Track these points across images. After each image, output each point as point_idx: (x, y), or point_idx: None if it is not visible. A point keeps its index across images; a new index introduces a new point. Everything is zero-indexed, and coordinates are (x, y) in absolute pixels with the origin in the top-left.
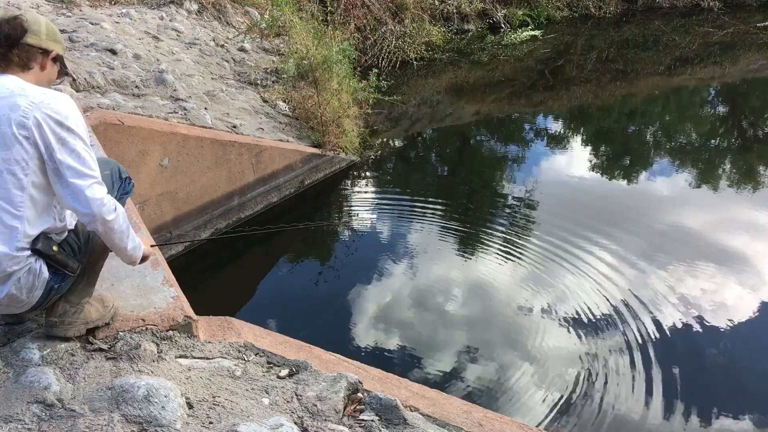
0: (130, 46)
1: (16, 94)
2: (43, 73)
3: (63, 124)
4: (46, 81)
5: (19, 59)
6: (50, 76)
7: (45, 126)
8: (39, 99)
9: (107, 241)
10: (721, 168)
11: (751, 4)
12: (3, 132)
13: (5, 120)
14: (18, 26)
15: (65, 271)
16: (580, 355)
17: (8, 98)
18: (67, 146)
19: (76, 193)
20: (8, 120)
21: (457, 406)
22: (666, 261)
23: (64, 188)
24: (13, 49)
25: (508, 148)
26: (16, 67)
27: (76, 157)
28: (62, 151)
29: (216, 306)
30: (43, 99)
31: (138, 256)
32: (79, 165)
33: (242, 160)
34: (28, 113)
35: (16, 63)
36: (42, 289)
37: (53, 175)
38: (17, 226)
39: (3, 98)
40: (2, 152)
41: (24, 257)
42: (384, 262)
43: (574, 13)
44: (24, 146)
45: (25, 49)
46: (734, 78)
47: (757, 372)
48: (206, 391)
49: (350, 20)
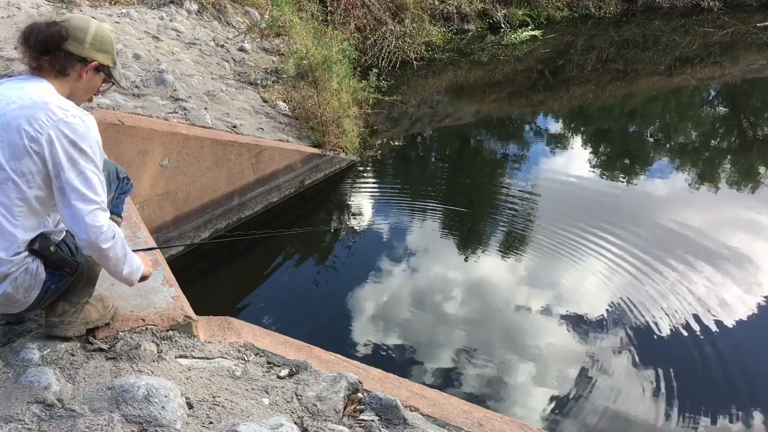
0: (130, 46)
1: (38, 106)
2: (80, 83)
3: (77, 144)
4: (84, 90)
5: (50, 66)
6: (89, 86)
7: (57, 144)
8: (59, 115)
9: (102, 266)
10: (720, 168)
11: (751, 4)
12: (15, 142)
13: (19, 131)
14: (56, 33)
15: (63, 271)
16: (581, 355)
17: (28, 108)
18: (77, 167)
19: (77, 216)
20: (23, 132)
21: (457, 406)
22: (666, 260)
23: (66, 209)
24: (44, 55)
25: (508, 148)
26: (49, 73)
27: (83, 179)
28: (71, 171)
29: (216, 306)
30: (63, 116)
31: (134, 279)
32: (85, 188)
33: (242, 160)
34: (43, 129)
35: (49, 69)
36: (39, 289)
37: (57, 193)
38: (14, 233)
39: (23, 108)
40: (12, 162)
41: (21, 258)
42: (384, 261)
43: (574, 13)
44: (33, 159)
45: (62, 56)
46: (734, 78)
47: (757, 372)
48: (206, 391)
49: (350, 20)
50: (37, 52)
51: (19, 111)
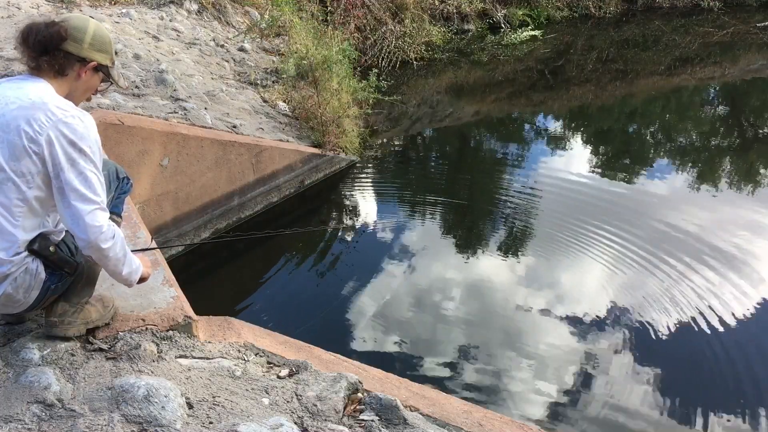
0: (130, 46)
1: (37, 107)
2: (79, 83)
3: (76, 144)
4: (82, 90)
5: (49, 66)
6: (88, 86)
7: (57, 144)
8: (58, 116)
9: (102, 266)
10: (720, 168)
11: (751, 4)
12: (14, 143)
13: (19, 132)
14: (55, 33)
15: (62, 271)
16: (581, 354)
17: (27, 109)
18: (76, 168)
19: (76, 216)
20: (22, 132)
21: (457, 406)
22: (666, 260)
23: (66, 209)
24: (43, 55)
25: (508, 148)
26: (48, 73)
27: (83, 180)
28: (70, 172)
29: (216, 306)
30: (62, 116)
31: (134, 280)
32: (84, 189)
33: (242, 160)
34: (43, 129)
35: (48, 69)
36: (39, 289)
37: (57, 193)
38: (14, 233)
39: (22, 108)
40: (11, 162)
41: (20, 259)
42: (384, 261)
43: (574, 13)
44: (33, 160)
45: (61, 57)
46: (734, 78)
47: (759, 371)
48: (206, 391)
49: (350, 20)
50: (36, 52)
51: (18, 111)
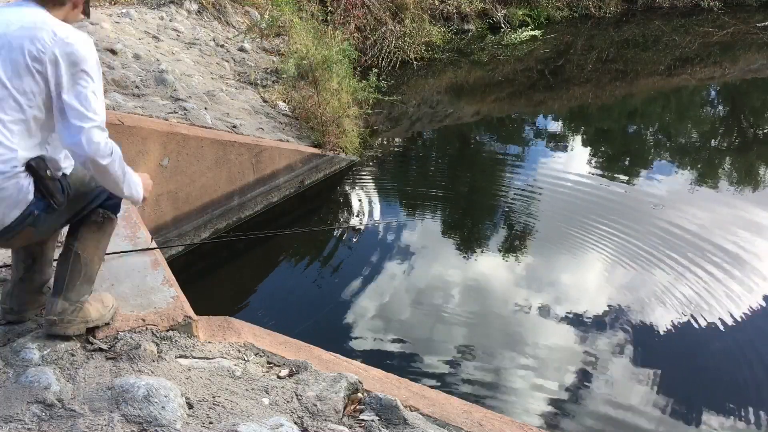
0: (130, 46)
1: (39, 28)
2: (74, 12)
3: (78, 65)
4: (72, 19)
5: None
6: (77, 16)
7: (62, 63)
8: (62, 35)
9: (102, 183)
10: (720, 167)
11: (751, 4)
12: (17, 61)
13: (22, 50)
14: None
15: (51, 201)
16: (581, 354)
17: (30, 29)
18: (77, 87)
19: (74, 133)
20: (25, 50)
21: (457, 406)
22: (666, 259)
23: (65, 129)
24: None
25: (508, 148)
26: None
27: (83, 99)
28: (70, 92)
29: (216, 306)
30: (65, 37)
31: (138, 197)
32: (83, 108)
33: (242, 160)
34: (46, 48)
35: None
36: (21, 210)
37: (57, 113)
38: (13, 148)
39: (24, 28)
40: (13, 80)
41: (14, 172)
42: (384, 261)
43: (574, 13)
44: (36, 79)
45: None
46: (734, 78)
47: (758, 371)
48: (206, 391)
49: (350, 20)
50: None
51: (21, 31)
